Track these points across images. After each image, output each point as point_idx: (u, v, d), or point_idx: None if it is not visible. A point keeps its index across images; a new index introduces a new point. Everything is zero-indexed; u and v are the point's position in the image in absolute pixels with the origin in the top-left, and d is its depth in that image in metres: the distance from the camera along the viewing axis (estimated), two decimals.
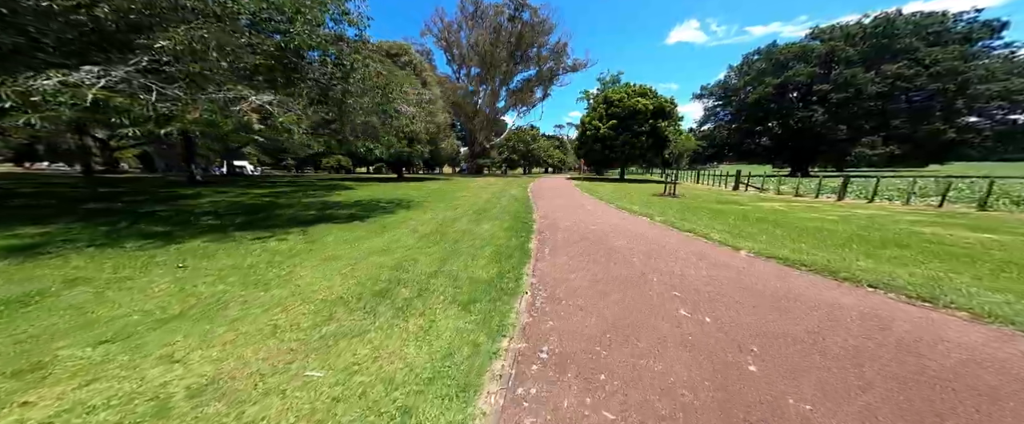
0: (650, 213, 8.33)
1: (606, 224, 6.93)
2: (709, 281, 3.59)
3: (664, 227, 6.66)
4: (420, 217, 7.47)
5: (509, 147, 55.62)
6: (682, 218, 7.54)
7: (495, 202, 10.67)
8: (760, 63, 40.11)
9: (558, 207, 9.60)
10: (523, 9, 32.46)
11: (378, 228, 6.01)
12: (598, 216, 8.01)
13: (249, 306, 2.64)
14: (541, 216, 7.98)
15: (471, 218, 7.50)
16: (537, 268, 4.08)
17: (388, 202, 10.27)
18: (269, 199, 9.69)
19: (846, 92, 30.46)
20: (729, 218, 7.54)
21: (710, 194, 14.44)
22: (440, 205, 9.77)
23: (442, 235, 5.63)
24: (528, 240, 5.46)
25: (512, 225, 6.67)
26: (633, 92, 26.01)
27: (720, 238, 5.51)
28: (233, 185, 15.01)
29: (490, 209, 9.04)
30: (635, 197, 12.72)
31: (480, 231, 6.04)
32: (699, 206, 9.71)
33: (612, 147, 25.17)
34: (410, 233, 5.70)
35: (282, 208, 7.96)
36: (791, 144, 37.97)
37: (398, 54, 22.10)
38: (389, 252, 4.40)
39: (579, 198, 12.22)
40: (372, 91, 6.49)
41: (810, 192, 13.52)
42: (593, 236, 5.80)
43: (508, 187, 17.46)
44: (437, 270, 3.78)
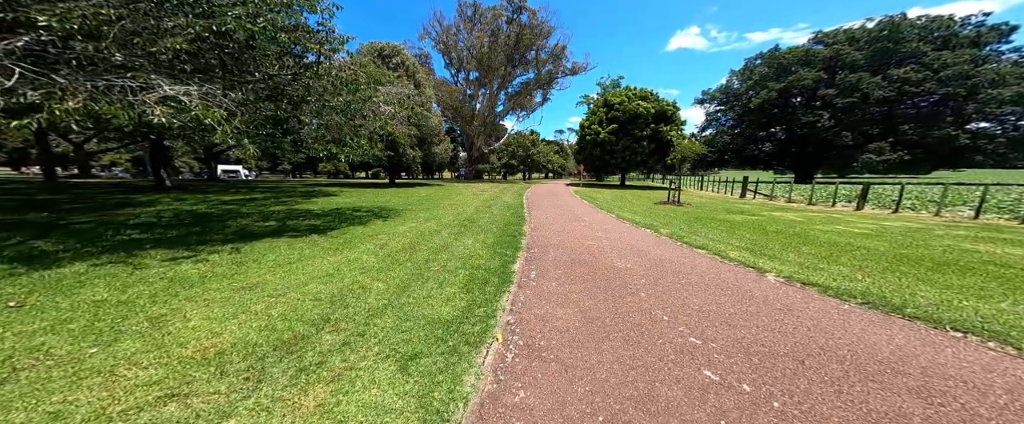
0: (654, 224, 7.57)
1: (605, 238, 6.17)
2: (737, 321, 2.81)
3: (671, 242, 5.89)
4: (394, 229, 6.71)
5: (508, 152, 55.22)
6: (691, 231, 6.79)
7: (485, 211, 9.92)
8: (762, 68, 39.98)
9: (553, 217, 8.85)
10: (521, 11, 32.34)
11: (338, 244, 5.23)
12: (596, 228, 7.25)
13: (48, 378, 1.79)
14: (532, 228, 7.22)
15: (453, 230, 6.74)
16: (517, 300, 3.30)
17: (367, 210, 9.52)
18: (232, 207, 8.92)
19: (852, 97, 30.11)
20: (744, 231, 6.79)
21: (716, 202, 13.72)
22: (423, 214, 9.02)
23: (412, 253, 4.86)
24: (513, 260, 4.69)
25: (498, 240, 5.90)
26: (634, 96, 25.55)
27: (739, 257, 4.75)
28: (205, 191, 14.25)
29: (477, 219, 8.28)
30: (636, 205, 11.99)
31: (459, 248, 5.27)
32: (707, 216, 8.96)
33: (612, 152, 24.58)
34: (374, 251, 4.93)
35: (238, 218, 7.18)
36: (794, 150, 37.55)
37: (390, 55, 21.66)
38: (335, 277, 3.62)
39: (577, 206, 11.48)
40: (341, 89, 5.79)
41: (823, 200, 12.80)
42: (589, 254, 5.03)
43: (503, 194, 16.74)
44: (387, 304, 3.00)
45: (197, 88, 3.51)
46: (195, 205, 8.97)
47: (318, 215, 8.27)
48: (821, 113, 31.63)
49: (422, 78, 22.82)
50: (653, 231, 6.93)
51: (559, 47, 34.48)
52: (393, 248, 5.13)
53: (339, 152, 5.77)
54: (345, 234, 6.07)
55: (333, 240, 5.50)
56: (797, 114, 33.42)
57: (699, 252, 5.22)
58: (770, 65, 38.43)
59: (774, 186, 13.74)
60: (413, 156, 21.66)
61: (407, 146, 8.54)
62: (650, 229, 7.15)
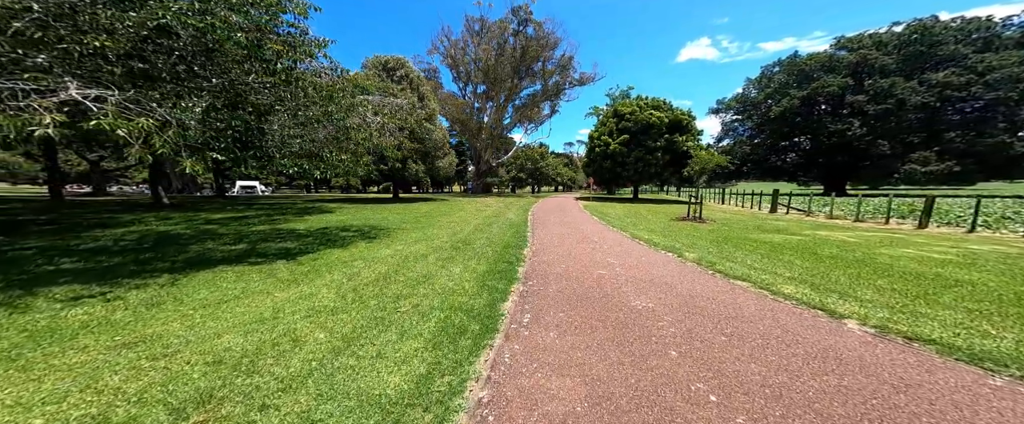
0: (676, 246, 6.62)
1: (619, 265, 5.27)
2: (830, 407, 1.88)
3: (702, 271, 4.94)
4: (376, 253, 6.02)
5: (517, 165, 55.06)
6: (723, 255, 5.81)
7: (484, 230, 9.18)
8: (781, 75, 38.91)
9: (558, 238, 8.00)
10: (527, 24, 32.77)
11: (300, 274, 4.54)
12: (608, 251, 6.35)
13: None
14: (534, 252, 6.39)
15: (442, 255, 6.00)
16: (500, 360, 2.48)
17: (356, 230, 8.93)
18: (212, 227, 8.49)
19: (885, 103, 28.51)
20: (789, 255, 5.75)
21: (743, 218, 12.55)
22: (415, 234, 8.34)
23: (383, 286, 4.11)
24: (504, 296, 3.87)
25: (491, 268, 5.10)
26: (645, 105, 24.90)
27: (797, 294, 3.78)
28: (202, 208, 14.12)
29: (473, 240, 7.53)
30: (653, 222, 11.00)
31: (442, 279, 4.50)
32: (738, 236, 7.92)
33: (623, 164, 23.71)
34: (339, 283, 4.20)
35: (207, 240, 6.65)
36: (822, 160, 35.68)
37: (395, 68, 21.90)
38: (267, 323, 2.89)
39: (586, 224, 10.59)
40: (316, 97, 5.29)
41: (873, 216, 11.47)
42: (600, 288, 4.15)
43: (507, 209, 16.03)
44: (314, 370, 2.23)
45: (117, 93, 2.97)
46: (175, 225, 8.59)
47: (299, 236, 7.70)
48: (851, 121, 30.01)
49: (427, 91, 22.91)
50: (676, 255, 5.99)
51: (566, 57, 34.60)
52: (364, 279, 4.40)
53: (312, 168, 5.19)
54: (317, 259, 5.40)
55: (297, 268, 4.83)
56: (824, 122, 31.85)
57: (740, 285, 4.26)
58: (789, 72, 37.34)
59: (810, 200, 12.45)
60: (416, 170, 21.38)
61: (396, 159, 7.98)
62: (672, 253, 6.20)
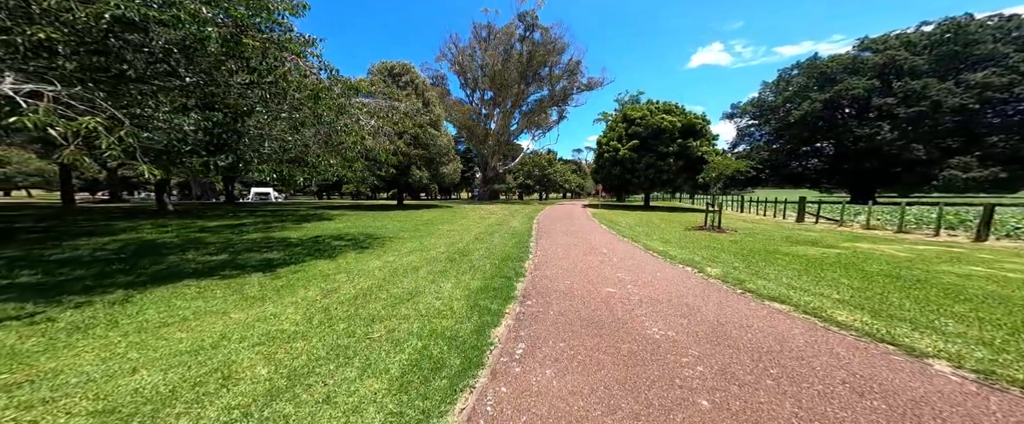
0: (696, 260, 5.97)
1: (631, 282, 4.68)
2: None
3: (729, 290, 4.31)
4: (363, 265, 5.59)
5: (524, 172, 54.81)
6: (753, 271, 5.14)
7: (484, 239, 8.69)
8: (801, 78, 37.70)
9: (564, 248, 7.44)
10: (534, 29, 32.85)
11: (272, 289, 4.13)
12: (619, 265, 5.76)
13: None
14: (536, 265, 5.85)
15: (435, 268, 5.53)
16: (480, 410, 1.98)
17: (350, 238, 8.58)
18: (202, 235, 8.28)
19: (919, 105, 27.02)
20: (833, 272, 5.04)
21: (766, 227, 11.70)
22: (411, 244, 7.92)
23: (360, 306, 3.65)
24: (496, 319, 3.35)
25: (486, 283, 4.60)
26: (657, 109, 24.27)
27: (855, 322, 3.14)
28: (203, 215, 14.14)
29: (472, 251, 7.05)
30: (667, 231, 10.30)
31: (429, 297, 4.02)
32: (766, 248, 7.19)
33: (634, 170, 23.01)
34: (312, 301, 3.76)
35: (189, 250, 6.37)
36: (847, 166, 34.01)
37: (400, 73, 22.03)
38: (201, 354, 2.44)
39: (594, 233, 9.98)
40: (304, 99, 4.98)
41: (916, 226, 10.47)
42: (609, 310, 3.59)
43: (511, 217, 15.54)
44: (230, 422, 1.74)
45: (60, 89, 2.65)
46: (165, 233, 8.41)
47: (289, 245, 7.38)
48: (880, 124, 28.52)
49: (432, 97, 22.93)
50: (697, 270, 5.35)
51: (573, 62, 34.41)
52: (340, 297, 3.94)
53: (295, 174, 4.84)
54: (297, 272, 4.99)
55: (271, 282, 4.42)
56: (849, 126, 30.39)
57: (778, 308, 3.62)
58: (810, 75, 36.15)
59: (843, 208, 11.46)
60: (420, 177, 21.21)
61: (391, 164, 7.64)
62: (692, 267, 5.56)
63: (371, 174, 7.57)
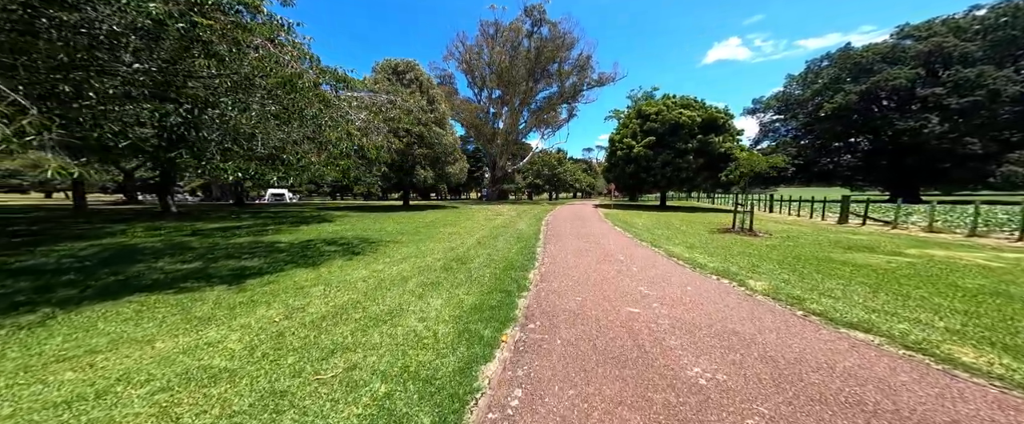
0: (732, 270, 5.12)
1: (658, 299, 3.91)
2: None
3: (785, 311, 3.49)
4: (347, 275, 5.01)
5: (533, 171, 54.05)
6: (807, 284, 4.28)
7: (487, 244, 8.03)
8: (832, 69, 35.51)
9: (574, 254, 6.69)
10: (541, 24, 32.06)
11: (228, 306, 3.56)
12: (639, 275, 4.97)
13: None
14: (542, 276, 5.13)
15: (427, 278, 4.90)
16: None
17: (344, 243, 8.07)
18: (188, 239, 7.93)
19: (973, 95, 24.75)
20: (914, 288, 4.13)
21: (804, 230, 10.58)
22: (407, 249, 7.35)
23: (324, 330, 3.04)
24: (490, 350, 2.69)
25: (482, 300, 3.93)
26: (674, 104, 23.09)
27: (991, 366, 2.32)
28: (205, 217, 14.04)
29: (472, 258, 6.40)
30: (690, 235, 9.38)
31: (412, 318, 3.38)
32: (813, 254, 6.25)
33: (649, 168, 21.91)
34: (270, 322, 3.17)
35: (165, 256, 5.95)
36: (885, 162, 31.72)
37: (405, 71, 21.67)
38: (80, 406, 1.85)
39: (608, 237, 9.16)
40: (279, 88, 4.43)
41: (986, 229, 9.17)
42: (633, 339, 2.85)
43: (519, 218, 14.84)
44: None
45: None
46: (151, 237, 8.11)
47: (275, 250, 6.90)
48: (927, 117, 26.30)
49: (437, 94, 22.48)
50: (737, 283, 4.51)
51: (583, 57, 33.43)
52: (305, 317, 3.34)
53: (266, 173, 4.28)
54: (269, 284, 4.44)
55: (232, 297, 3.86)
56: (890, 119, 28.15)
57: (864, 340, 2.80)
58: (842, 66, 33.96)
59: (899, 208, 10.16)
60: (424, 177, 20.77)
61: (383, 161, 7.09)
62: (729, 279, 4.73)
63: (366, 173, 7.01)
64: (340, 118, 5.57)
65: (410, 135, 19.59)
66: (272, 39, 4.47)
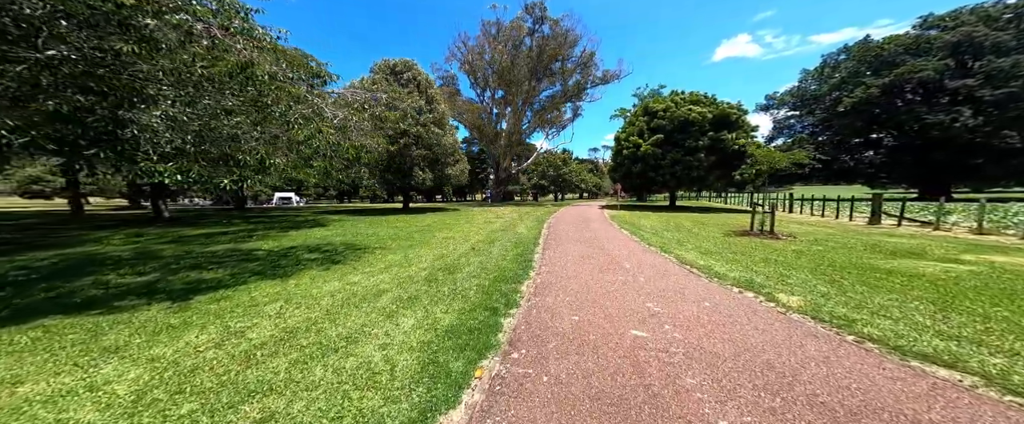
0: (756, 281, 4.45)
1: (670, 319, 3.29)
2: None
3: (832, 337, 2.85)
4: (314, 289, 4.51)
5: (538, 172, 53.48)
6: (855, 301, 3.60)
7: (482, 249, 7.48)
8: (850, 63, 34.18)
9: (575, 261, 6.08)
10: (543, 22, 31.59)
11: (150, 332, 3.08)
12: (647, 287, 4.35)
13: None
14: (537, 288, 4.55)
15: (406, 292, 4.38)
16: None
17: (326, 250, 7.61)
18: (161, 247, 7.57)
19: (1008, 86, 23.30)
20: (1003, 309, 3.41)
21: (831, 232, 9.75)
22: (393, 257, 6.85)
23: (260, 361, 2.52)
24: (457, 392, 2.17)
25: (460, 320, 3.37)
26: (683, 100, 22.28)
27: None
28: (195, 223, 13.82)
29: (461, 266, 5.86)
30: (704, 238, 8.67)
31: (370, 346, 2.85)
32: (853, 262, 5.52)
33: (657, 167, 21.11)
34: (198, 349, 2.66)
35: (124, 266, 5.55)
36: (910, 158, 30.18)
37: (402, 71, 21.38)
38: None
39: (613, 240, 8.51)
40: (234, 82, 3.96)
41: None
42: (638, 372, 2.27)
43: (520, 221, 14.25)
44: None
45: None
46: (124, 245, 7.78)
47: (249, 259, 6.46)
48: (960, 110, 24.82)
49: (436, 94, 22.12)
50: (764, 298, 3.85)
51: (587, 54, 32.81)
52: (242, 344, 2.81)
53: (213, 176, 3.79)
54: (219, 301, 3.95)
55: (164, 319, 3.36)
56: (917, 113, 26.71)
57: (949, 379, 2.13)
58: (862, 59, 32.63)
59: (940, 208, 9.22)
60: (423, 179, 20.37)
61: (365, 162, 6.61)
62: (754, 292, 4.07)
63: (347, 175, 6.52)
64: (313, 115, 5.09)
65: (408, 136, 19.23)
66: (226, 27, 4.01)
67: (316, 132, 4.94)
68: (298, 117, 4.82)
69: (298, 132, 4.55)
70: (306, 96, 5.16)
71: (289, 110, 4.78)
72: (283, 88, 4.49)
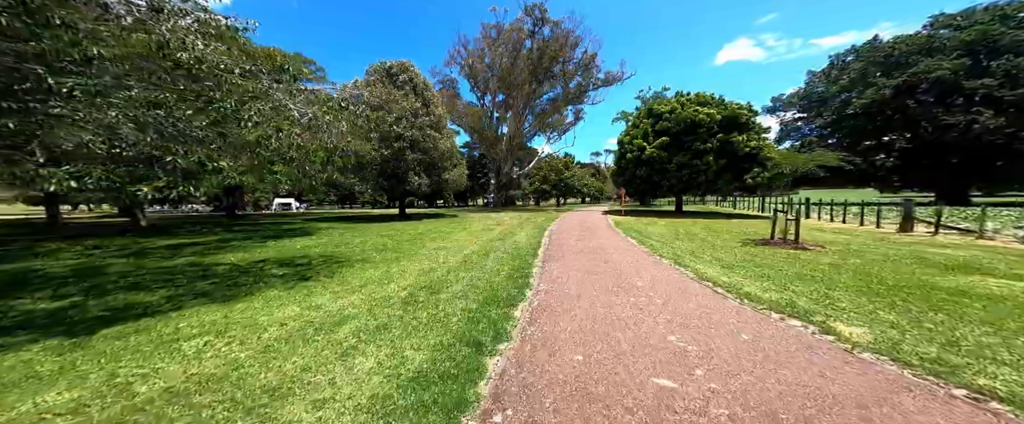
0: (799, 303, 3.70)
1: (703, 363, 2.58)
2: None
3: (937, 390, 2.13)
4: (263, 317, 3.80)
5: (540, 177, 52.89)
6: (934, 331, 2.88)
7: (475, 263, 6.77)
8: (858, 64, 33.68)
9: (578, 279, 5.35)
10: (543, 23, 31.30)
11: (25, 385, 2.34)
12: (666, 311, 3.61)
13: None
14: (533, 313, 3.82)
15: (374, 321, 3.67)
16: None
17: (300, 264, 6.93)
18: (110, 262, 6.89)
19: None
20: None
21: (864, 240, 8.98)
22: (371, 272, 6.16)
23: None
24: None
25: (432, 361, 2.67)
26: (689, 101, 21.69)
27: None
28: (175, 232, 13.17)
29: (448, 285, 5.16)
30: (720, 248, 7.93)
31: (301, 405, 2.14)
32: (907, 280, 4.75)
33: (663, 171, 20.41)
34: (91, 399, 1.93)
35: (49, 288, 4.85)
36: (926, 161, 29.38)
37: (398, 73, 20.92)
38: None
39: (620, 252, 7.77)
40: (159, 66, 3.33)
41: None
42: None
43: (519, 228, 13.53)
44: None
45: None
46: (76, 260, 7.10)
47: (206, 276, 5.76)
48: (978, 110, 24.11)
49: (432, 97, 21.62)
50: (818, 329, 3.11)
51: (588, 56, 32.44)
52: (119, 407, 2.08)
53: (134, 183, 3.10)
54: (133, 334, 3.23)
55: (44, 361, 2.65)
56: (933, 114, 26.01)
57: None
58: (871, 60, 32.12)
59: (983, 215, 8.43)
60: (418, 184, 19.73)
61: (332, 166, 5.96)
62: (800, 320, 3.32)
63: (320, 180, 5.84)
64: (272, 113, 4.44)
65: (402, 140, 18.66)
66: (157, 7, 3.38)
67: (275, 132, 4.27)
68: (254, 114, 4.16)
69: (249, 132, 3.89)
70: (271, 93, 4.51)
71: (244, 107, 4.14)
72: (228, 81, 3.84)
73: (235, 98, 4.13)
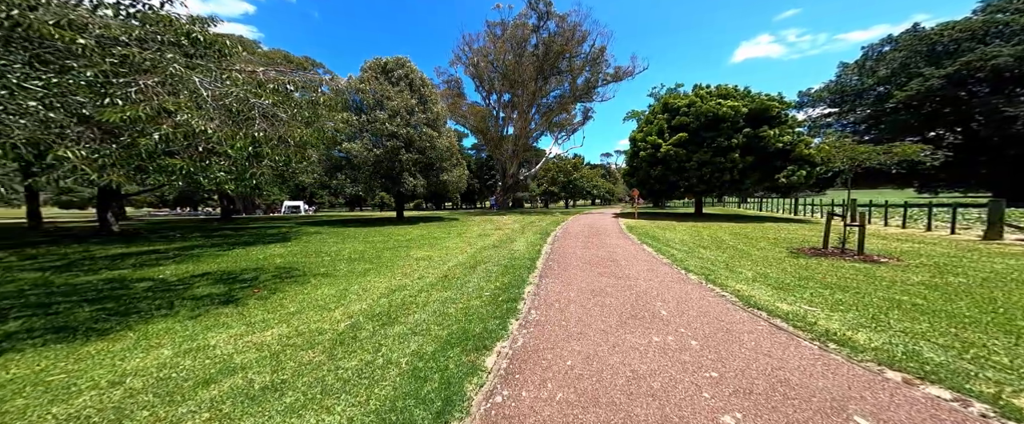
0: (914, 350, 2.42)
1: None
2: None
3: None
4: (118, 365, 2.78)
5: (548, 178, 51.62)
6: None
7: (457, 280, 5.63)
8: (898, 53, 31.39)
9: (582, 302, 4.14)
10: (548, 18, 30.23)
11: None
12: (713, 367, 2.38)
13: None
14: (509, 364, 2.64)
15: (255, 382, 2.58)
16: None
17: (245, 278, 5.93)
18: (29, 275, 5.99)
19: None
20: None
21: (947, 250, 7.48)
22: (324, 292, 5.09)
23: None
24: None
25: None
26: (709, 94, 20.18)
27: None
28: (149, 238, 12.46)
29: (411, 312, 4.04)
30: (761, 260, 6.57)
31: None
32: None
33: (681, 170, 18.89)
34: None
35: None
36: (985, 158, 26.81)
37: (393, 69, 20.11)
38: None
39: (636, 263, 6.47)
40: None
41: None
42: None
43: (521, 233, 12.32)
44: None
45: None
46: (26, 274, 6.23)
47: (113, 297, 4.78)
48: None
49: (430, 94, 20.71)
50: (989, 406, 1.78)
51: (597, 50, 31.14)
52: None
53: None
54: None
55: None
56: (992, 106, 23.62)
57: None
58: (913, 49, 29.86)
59: None
60: (414, 185, 18.76)
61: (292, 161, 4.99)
62: (940, 386, 2.02)
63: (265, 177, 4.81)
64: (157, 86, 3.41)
65: (396, 138, 17.75)
66: None
67: (155, 113, 3.23)
68: (132, 88, 3.15)
69: (110, 113, 2.86)
70: (163, 64, 3.49)
71: (114, 79, 3.14)
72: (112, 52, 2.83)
73: (98, 68, 3.13)
